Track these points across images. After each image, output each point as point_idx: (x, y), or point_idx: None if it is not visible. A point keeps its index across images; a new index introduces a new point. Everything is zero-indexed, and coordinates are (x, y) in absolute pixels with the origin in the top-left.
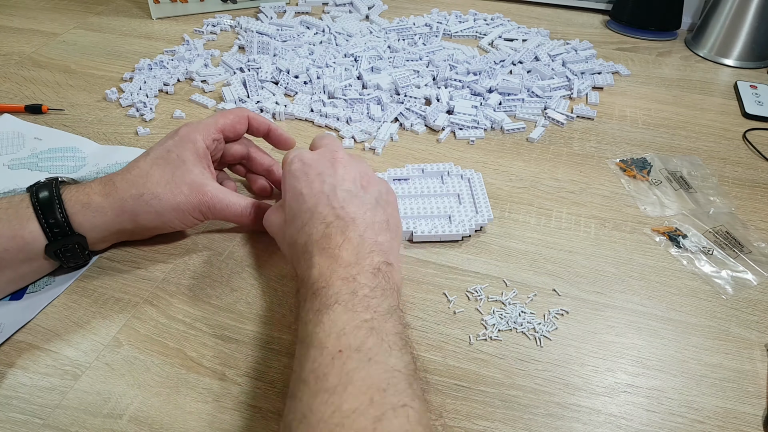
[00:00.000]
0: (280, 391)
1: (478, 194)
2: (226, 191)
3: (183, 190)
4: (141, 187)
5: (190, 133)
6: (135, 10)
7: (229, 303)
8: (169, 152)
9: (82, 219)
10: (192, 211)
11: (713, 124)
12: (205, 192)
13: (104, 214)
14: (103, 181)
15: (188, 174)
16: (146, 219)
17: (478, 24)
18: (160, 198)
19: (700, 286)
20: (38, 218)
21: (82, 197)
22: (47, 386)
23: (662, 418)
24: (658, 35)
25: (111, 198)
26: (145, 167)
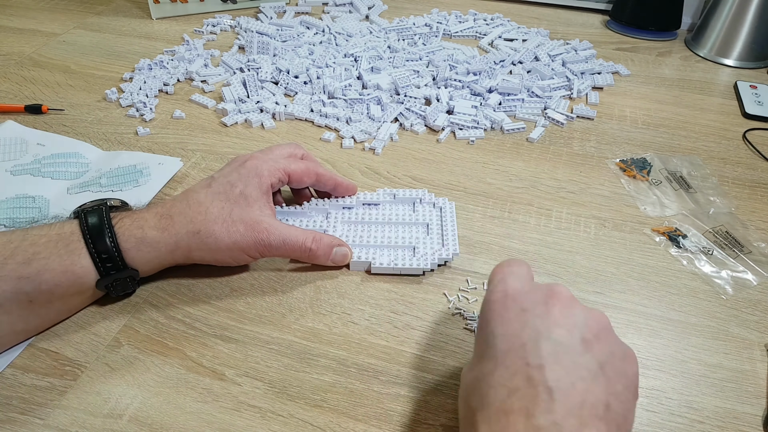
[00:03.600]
0: (280, 391)
1: (447, 225)
2: (284, 227)
3: (239, 228)
4: (198, 224)
5: (258, 167)
6: (135, 10)
7: (229, 303)
8: (233, 187)
9: (135, 254)
10: (247, 249)
11: (713, 124)
12: (261, 230)
13: (158, 249)
14: (159, 213)
15: (247, 212)
16: (199, 255)
17: (478, 24)
18: (216, 237)
19: (699, 286)
20: (90, 252)
21: (136, 231)
22: (47, 386)
23: (662, 418)
24: (658, 35)
25: (167, 233)
26: (205, 202)
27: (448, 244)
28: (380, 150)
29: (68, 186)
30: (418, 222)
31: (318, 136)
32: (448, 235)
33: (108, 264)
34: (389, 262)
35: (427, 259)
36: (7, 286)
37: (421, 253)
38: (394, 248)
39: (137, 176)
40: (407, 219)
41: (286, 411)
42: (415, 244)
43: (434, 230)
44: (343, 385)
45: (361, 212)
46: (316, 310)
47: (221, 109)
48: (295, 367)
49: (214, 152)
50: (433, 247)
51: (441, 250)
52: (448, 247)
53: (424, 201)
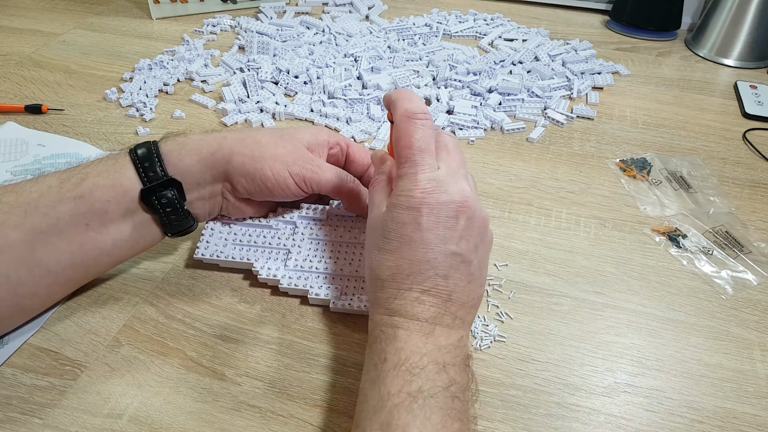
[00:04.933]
0: (280, 391)
1: None
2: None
3: (287, 145)
4: (245, 132)
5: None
6: (135, 10)
7: (229, 303)
8: (294, 131)
9: (176, 159)
10: (290, 164)
11: (713, 124)
12: (306, 153)
13: (199, 151)
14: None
15: (298, 139)
16: (240, 161)
17: (478, 24)
18: (261, 143)
19: (700, 286)
20: (133, 161)
21: (179, 138)
22: (47, 386)
23: (662, 418)
24: (658, 35)
25: (210, 136)
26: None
27: None
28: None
29: None
30: None
31: None
32: None
33: (150, 173)
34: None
35: None
36: (65, 207)
37: None
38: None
39: None
40: None
41: (286, 411)
42: None
43: None
44: (343, 385)
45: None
46: (316, 310)
47: (221, 109)
48: (295, 367)
49: None
50: None
51: None
52: None
53: None
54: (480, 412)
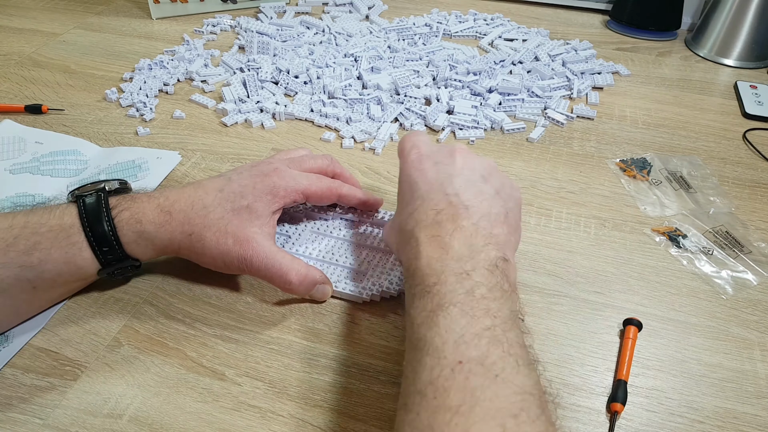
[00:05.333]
0: (280, 391)
1: None
2: (272, 251)
3: (228, 241)
4: (194, 226)
5: (277, 186)
6: (135, 10)
7: (229, 303)
8: (242, 197)
9: (134, 247)
10: (229, 263)
11: (713, 124)
12: (249, 248)
13: (154, 243)
14: (160, 205)
15: (244, 226)
16: (186, 254)
17: (478, 24)
18: (204, 243)
19: (700, 286)
20: (91, 246)
21: (134, 225)
22: (47, 386)
23: (662, 418)
24: (658, 35)
25: (162, 229)
26: (208, 207)
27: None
28: (380, 150)
29: (67, 183)
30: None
31: (318, 136)
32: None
33: (109, 256)
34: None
35: (372, 287)
36: (9, 273)
37: (371, 281)
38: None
39: (136, 171)
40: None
41: (286, 411)
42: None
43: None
44: (343, 385)
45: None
46: (316, 310)
47: (221, 109)
48: (295, 367)
49: (214, 152)
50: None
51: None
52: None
53: None
54: None
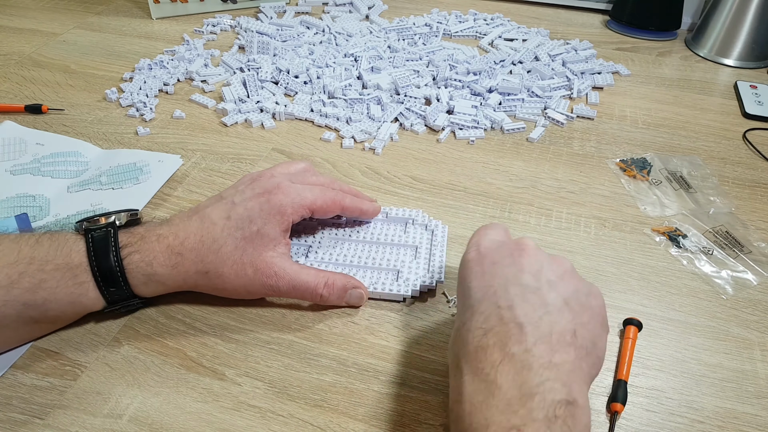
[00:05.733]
0: (280, 391)
1: (436, 250)
2: (295, 270)
3: (248, 272)
4: (208, 265)
5: (283, 205)
6: (135, 10)
7: (229, 303)
8: (251, 223)
9: (143, 289)
10: (254, 293)
11: (713, 124)
12: (271, 274)
13: (165, 284)
14: (171, 246)
15: (260, 253)
16: (206, 290)
17: (478, 24)
18: (223, 278)
19: (700, 286)
20: (99, 287)
21: (145, 267)
22: (47, 386)
23: (662, 418)
24: (658, 35)
25: (176, 271)
26: (219, 240)
27: (434, 269)
28: (380, 150)
29: (68, 184)
30: (407, 244)
31: (318, 136)
32: (435, 260)
33: (116, 296)
34: (370, 284)
35: (408, 285)
36: (12, 311)
37: (404, 278)
38: (378, 270)
39: (137, 174)
40: (396, 240)
41: (286, 411)
42: (400, 268)
43: (422, 254)
44: (343, 385)
45: (349, 229)
46: (316, 310)
47: (221, 108)
48: (295, 367)
49: (214, 152)
50: (419, 272)
51: (425, 276)
52: (434, 273)
53: (416, 222)
54: None
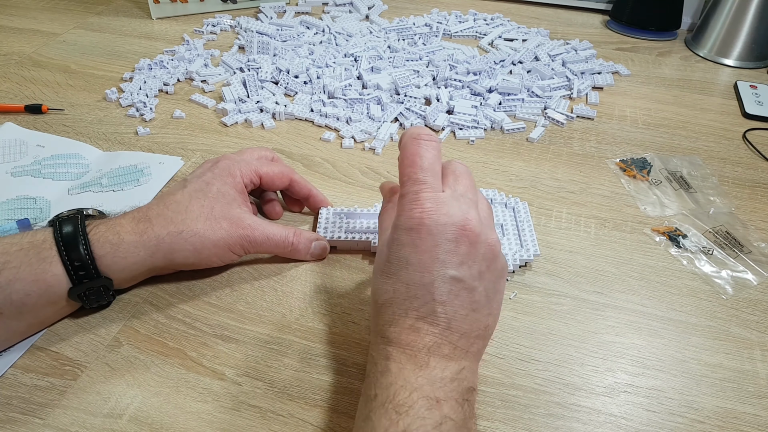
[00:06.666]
0: (280, 390)
1: (524, 226)
2: (266, 223)
3: (223, 225)
4: (180, 224)
5: (231, 167)
6: (135, 10)
7: (229, 303)
8: (209, 185)
9: (110, 261)
10: (233, 246)
11: (713, 124)
12: (246, 226)
13: (136, 253)
14: (136, 217)
15: (228, 208)
16: (183, 256)
17: (478, 24)
18: (200, 234)
19: (700, 286)
20: (62, 259)
21: (111, 236)
22: (47, 386)
23: (662, 418)
24: (658, 35)
25: (145, 236)
26: (183, 201)
27: (527, 244)
28: (380, 150)
29: (69, 187)
30: None
31: (318, 136)
32: (526, 236)
33: (81, 272)
34: None
35: (509, 260)
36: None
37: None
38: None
39: (138, 176)
40: None
41: (286, 411)
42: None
43: (510, 231)
44: (343, 385)
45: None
46: (316, 310)
47: (221, 108)
48: (295, 367)
49: (214, 152)
50: (512, 248)
51: (521, 251)
52: (528, 247)
53: (495, 201)
54: (480, 412)
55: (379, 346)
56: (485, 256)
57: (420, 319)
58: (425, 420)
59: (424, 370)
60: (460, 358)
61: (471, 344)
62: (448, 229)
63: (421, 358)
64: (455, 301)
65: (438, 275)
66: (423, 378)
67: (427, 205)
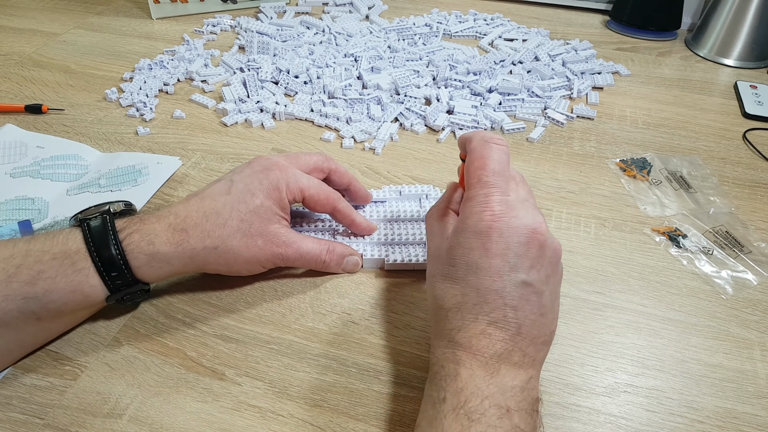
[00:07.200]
0: (280, 391)
1: None
2: (300, 238)
3: (258, 242)
4: (216, 240)
5: (278, 182)
6: (135, 10)
7: (229, 303)
8: (253, 196)
9: (146, 270)
10: (264, 262)
11: (713, 124)
12: (281, 243)
13: (171, 264)
14: (172, 224)
15: (266, 225)
16: (214, 268)
17: (478, 24)
18: (234, 251)
19: (700, 286)
20: (98, 271)
21: (146, 247)
22: (47, 386)
23: (662, 418)
24: (658, 35)
25: (181, 248)
26: (223, 214)
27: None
28: (380, 150)
29: (68, 187)
30: None
31: (318, 136)
32: None
33: (118, 281)
34: (403, 258)
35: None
36: (12, 305)
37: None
38: (406, 245)
39: (136, 176)
40: (416, 215)
41: (286, 411)
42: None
43: None
44: (343, 385)
45: (369, 210)
46: (316, 310)
47: (221, 108)
48: (295, 367)
49: (214, 152)
50: None
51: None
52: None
53: (430, 197)
54: None
55: (445, 350)
56: (551, 261)
57: (491, 324)
58: (497, 429)
59: (494, 377)
60: (529, 366)
61: (538, 351)
62: (519, 233)
63: (492, 366)
64: (526, 306)
65: (509, 280)
66: (494, 386)
67: (497, 209)
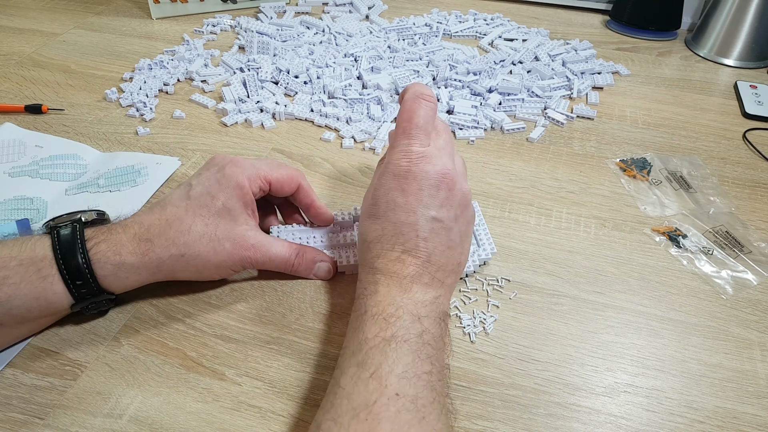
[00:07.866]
0: (280, 391)
1: (479, 226)
2: (270, 241)
3: (226, 246)
4: (182, 247)
5: (237, 176)
6: (135, 10)
7: (229, 303)
8: (214, 199)
9: (112, 280)
10: (234, 266)
11: (713, 124)
12: (249, 246)
13: (138, 273)
14: (137, 234)
15: (232, 227)
16: (184, 275)
17: (478, 24)
18: (202, 257)
19: (700, 286)
20: (63, 279)
21: (112, 257)
22: (47, 386)
23: (662, 418)
24: (658, 35)
25: (147, 258)
26: (186, 220)
27: (484, 243)
28: (380, 150)
29: (66, 187)
30: None
31: (318, 136)
32: (481, 235)
33: (83, 290)
34: None
35: (469, 261)
36: None
37: None
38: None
39: (135, 176)
40: None
41: (286, 411)
42: None
43: None
44: None
45: None
46: (316, 310)
47: (221, 109)
48: (295, 367)
49: (214, 152)
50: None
51: (478, 251)
52: (485, 246)
53: None
54: (480, 411)
55: (368, 275)
56: (460, 203)
57: (405, 252)
58: (409, 329)
59: (407, 293)
60: (437, 287)
61: (446, 276)
62: (431, 176)
63: (405, 284)
64: (435, 239)
65: (422, 215)
66: (407, 299)
67: (414, 157)
